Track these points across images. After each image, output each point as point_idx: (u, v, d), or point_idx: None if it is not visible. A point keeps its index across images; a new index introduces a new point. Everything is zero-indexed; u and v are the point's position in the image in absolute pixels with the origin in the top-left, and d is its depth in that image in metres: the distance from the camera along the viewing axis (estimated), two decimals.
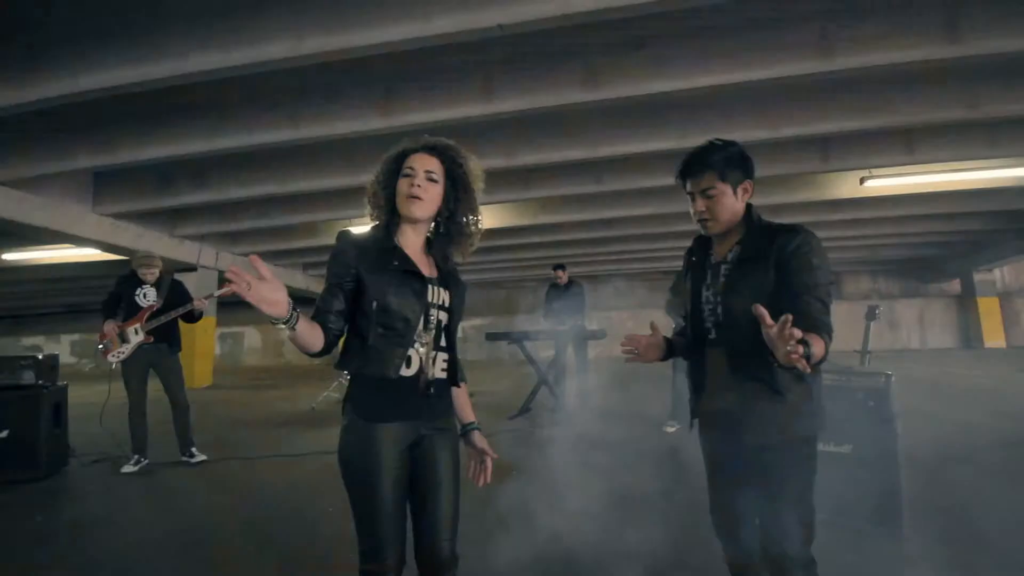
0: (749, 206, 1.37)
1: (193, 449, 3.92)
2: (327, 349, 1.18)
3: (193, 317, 3.88)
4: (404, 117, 4.66)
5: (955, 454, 3.39)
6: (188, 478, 3.55)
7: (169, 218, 8.07)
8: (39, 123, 4.92)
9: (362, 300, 1.20)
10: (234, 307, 15.02)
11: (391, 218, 1.28)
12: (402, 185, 1.24)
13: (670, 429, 4.32)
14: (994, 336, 12.87)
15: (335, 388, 6.87)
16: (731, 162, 1.33)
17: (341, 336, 1.22)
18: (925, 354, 12.06)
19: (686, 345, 1.54)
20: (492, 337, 5.63)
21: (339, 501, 2.91)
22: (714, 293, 1.36)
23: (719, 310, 1.34)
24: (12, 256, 9.18)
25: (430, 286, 1.25)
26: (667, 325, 2.87)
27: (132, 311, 3.75)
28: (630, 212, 7.87)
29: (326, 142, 5.24)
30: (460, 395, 1.35)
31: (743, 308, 1.22)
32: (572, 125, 5.39)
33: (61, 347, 16.47)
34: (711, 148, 1.35)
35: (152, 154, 5.12)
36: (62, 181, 6.21)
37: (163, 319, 3.72)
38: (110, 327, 3.68)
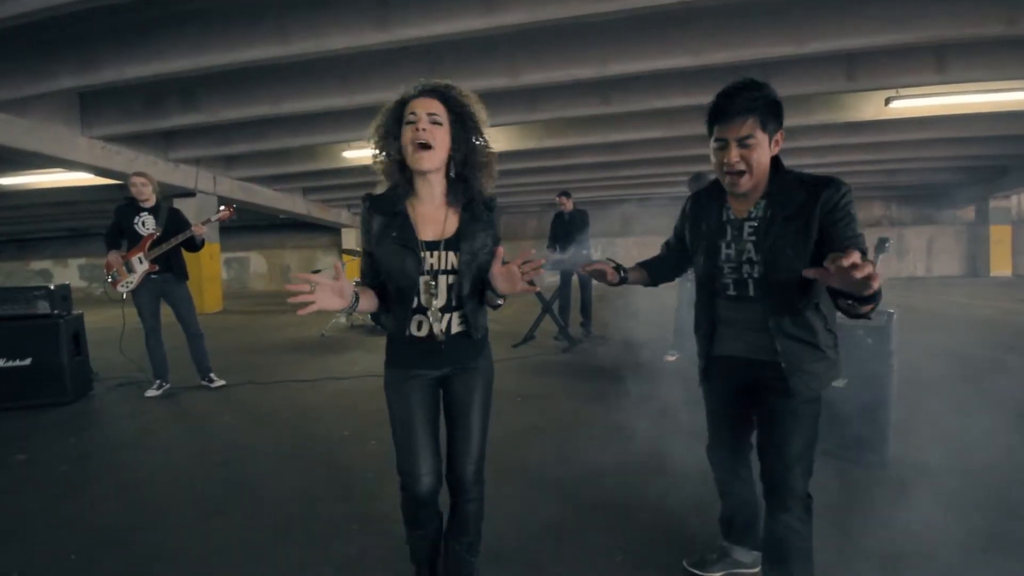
0: (775, 157, 1.27)
1: (212, 375, 4.09)
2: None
3: (195, 245, 3.87)
4: (401, 31, 4.34)
5: (948, 385, 3.49)
6: (209, 402, 3.74)
7: (162, 141, 7.83)
8: (17, 41, 4.64)
9: (379, 265, 1.29)
10: (238, 232, 15.00)
11: (402, 175, 1.26)
12: (407, 133, 1.20)
13: (671, 358, 4.44)
14: (1001, 265, 12.82)
15: (343, 313, 7.02)
16: (771, 108, 1.20)
17: None
18: (930, 282, 12.08)
19: (657, 277, 1.60)
20: None
21: (355, 425, 3.09)
22: (738, 251, 1.31)
23: (746, 269, 1.30)
24: (8, 181, 9.05)
25: (432, 252, 1.25)
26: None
27: (134, 240, 3.76)
28: (639, 135, 7.56)
29: (319, 59, 4.93)
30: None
31: (787, 267, 1.21)
32: (580, 40, 5.02)
33: (69, 271, 16.69)
34: (749, 88, 1.19)
35: (136, 72, 4.86)
36: (48, 103, 5.94)
37: (165, 247, 3.72)
38: (114, 257, 3.71)
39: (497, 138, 7.84)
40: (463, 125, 1.23)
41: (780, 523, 1.30)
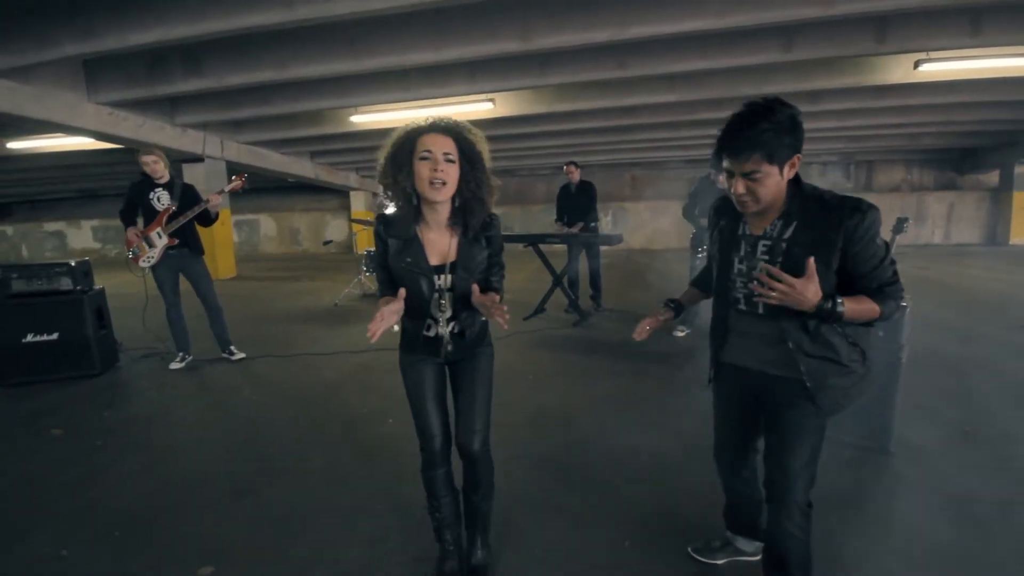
0: (796, 176, 1.23)
1: (232, 347, 4.21)
2: None
3: (209, 218, 3.93)
4: None
5: (957, 369, 3.50)
6: (231, 375, 3.87)
7: (168, 106, 7.71)
8: (18, 9, 4.53)
9: (396, 281, 1.47)
10: (247, 195, 14.92)
11: (410, 202, 1.38)
12: (422, 169, 1.32)
13: (679, 334, 4.48)
14: (1022, 233, 12.53)
15: (355, 285, 7.10)
16: (781, 138, 1.14)
17: None
18: (947, 250, 11.87)
19: (706, 291, 1.62)
20: (505, 240, 5.61)
21: (373, 403, 3.19)
22: (749, 268, 1.30)
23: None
24: (16, 145, 9.03)
25: (440, 276, 1.44)
26: (682, 226, 2.80)
27: (150, 216, 3.80)
28: (653, 99, 7.31)
29: (325, 24, 4.78)
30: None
31: None
32: (596, 2, 4.80)
33: (83, 233, 16.83)
34: (756, 118, 1.13)
35: (138, 39, 4.74)
36: (53, 70, 5.85)
37: (181, 220, 3.78)
38: (133, 234, 3.76)
39: (508, 102, 7.73)
40: (471, 162, 1.37)
41: (780, 529, 1.35)
